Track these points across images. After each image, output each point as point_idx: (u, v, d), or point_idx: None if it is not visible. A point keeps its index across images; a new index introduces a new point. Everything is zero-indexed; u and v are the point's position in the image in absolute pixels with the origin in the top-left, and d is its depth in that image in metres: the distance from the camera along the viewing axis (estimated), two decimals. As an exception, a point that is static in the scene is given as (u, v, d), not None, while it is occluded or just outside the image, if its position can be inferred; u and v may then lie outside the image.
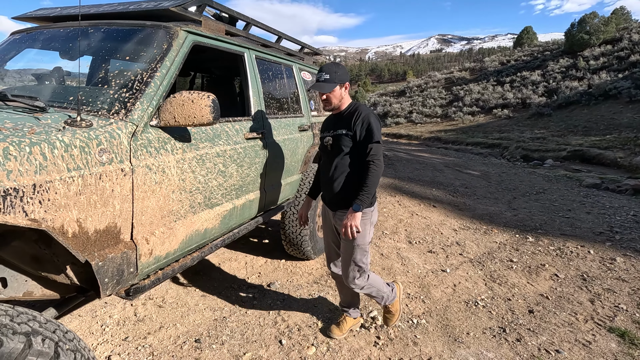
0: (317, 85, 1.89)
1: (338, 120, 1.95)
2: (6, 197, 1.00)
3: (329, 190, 1.98)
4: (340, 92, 1.92)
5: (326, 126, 2.05)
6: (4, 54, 2.08)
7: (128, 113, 1.44)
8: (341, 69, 1.91)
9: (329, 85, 1.87)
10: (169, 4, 1.82)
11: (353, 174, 1.90)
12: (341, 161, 1.91)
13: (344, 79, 1.90)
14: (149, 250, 1.50)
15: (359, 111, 1.90)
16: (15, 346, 0.89)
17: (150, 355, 2.00)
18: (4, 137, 1.05)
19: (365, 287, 2.06)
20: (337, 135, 1.91)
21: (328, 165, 1.98)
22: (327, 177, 1.98)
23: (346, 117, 1.91)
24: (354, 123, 1.86)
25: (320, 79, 1.88)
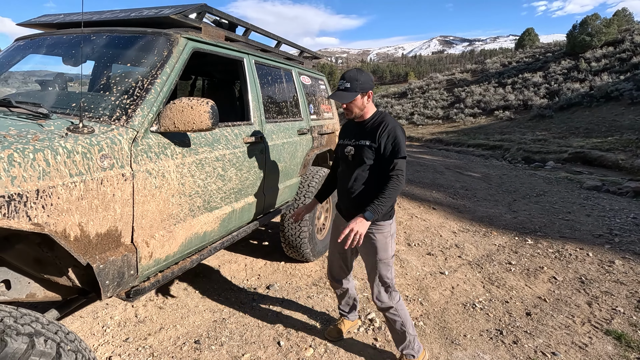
0: (337, 95, 1.79)
1: (361, 130, 1.85)
2: (10, 202, 1.04)
3: (347, 201, 1.91)
4: (362, 101, 1.80)
5: (346, 134, 1.95)
6: (8, 60, 2.13)
7: (129, 119, 1.47)
8: (364, 76, 1.78)
9: (350, 94, 1.76)
10: (169, 11, 1.86)
11: (373, 186, 1.81)
12: (362, 173, 1.83)
13: (366, 87, 1.78)
14: (149, 253, 1.53)
15: (386, 123, 1.79)
16: (19, 347, 0.92)
17: (150, 356, 2.03)
18: (8, 143, 1.09)
19: (391, 310, 1.91)
20: (359, 146, 1.82)
21: (347, 175, 1.89)
22: (345, 187, 1.90)
23: (370, 128, 1.81)
24: (379, 135, 1.77)
25: (340, 87, 1.78)
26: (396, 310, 1.92)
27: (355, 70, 1.80)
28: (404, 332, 1.95)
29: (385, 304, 1.91)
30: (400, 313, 1.93)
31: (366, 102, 1.82)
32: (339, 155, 1.96)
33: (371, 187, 1.82)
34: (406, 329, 1.94)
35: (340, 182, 1.96)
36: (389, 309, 1.92)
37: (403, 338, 1.97)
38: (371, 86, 1.81)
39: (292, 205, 2.93)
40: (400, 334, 1.96)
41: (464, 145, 16.14)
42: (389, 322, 1.97)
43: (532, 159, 12.04)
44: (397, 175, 1.74)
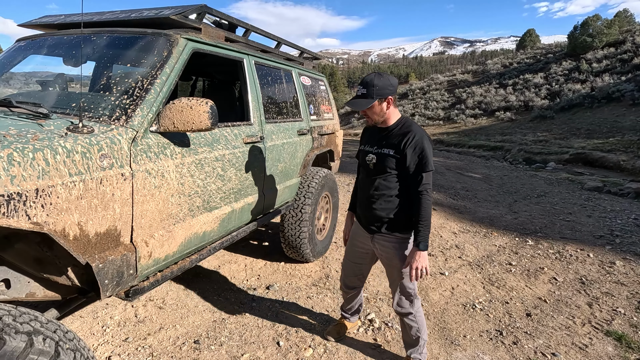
0: (352, 103, 1.69)
1: (384, 137, 1.75)
2: (10, 201, 1.04)
3: (366, 210, 1.84)
4: (380, 107, 1.68)
5: (368, 139, 1.85)
6: (9, 60, 2.14)
7: (128, 119, 1.48)
8: (383, 80, 1.65)
9: (365, 101, 1.65)
10: (169, 12, 1.86)
11: (396, 196, 1.74)
12: (383, 182, 1.75)
13: (384, 93, 1.65)
14: (148, 253, 1.53)
15: (412, 133, 1.68)
16: (18, 345, 0.92)
17: (149, 355, 2.03)
18: (8, 143, 1.09)
19: (410, 316, 1.89)
20: (382, 155, 1.72)
21: (368, 184, 1.81)
22: (365, 196, 1.83)
23: (395, 136, 1.72)
24: (404, 145, 1.67)
25: (358, 93, 1.68)
26: (414, 316, 1.89)
27: (373, 75, 1.67)
28: (418, 337, 1.93)
29: (405, 309, 1.88)
30: (418, 319, 1.91)
31: (386, 109, 1.70)
32: (360, 162, 1.89)
33: (392, 197, 1.75)
34: (420, 335, 1.93)
35: (361, 190, 1.88)
36: (408, 315, 1.89)
37: (415, 343, 1.95)
38: (391, 91, 1.67)
39: (292, 205, 2.93)
40: (414, 339, 1.94)
41: (464, 146, 16.13)
42: (405, 326, 1.94)
43: (533, 160, 12.03)
44: (425, 191, 1.67)
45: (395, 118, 1.76)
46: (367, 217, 1.85)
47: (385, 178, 1.75)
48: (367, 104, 1.65)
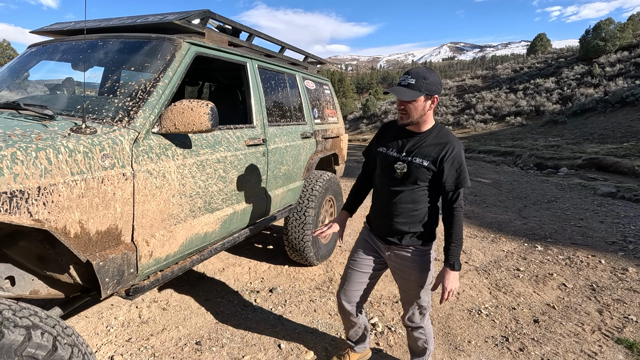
0: (396, 90, 1.49)
1: (416, 144, 1.57)
2: (12, 198, 1.07)
3: (387, 222, 1.65)
4: (424, 105, 1.50)
5: (392, 142, 1.64)
6: (21, 65, 2.21)
7: (131, 120, 1.51)
8: (433, 76, 1.49)
9: (412, 92, 1.46)
10: (173, 17, 1.91)
11: (422, 209, 1.60)
12: (411, 195, 1.59)
13: (433, 90, 1.49)
14: (149, 252, 1.55)
15: (451, 145, 1.52)
16: (16, 338, 0.94)
17: (152, 356, 2.05)
18: (12, 142, 1.13)
19: (420, 330, 1.81)
20: (415, 165, 1.54)
21: (390, 193, 1.62)
22: (385, 205, 1.65)
23: (430, 145, 1.55)
24: (442, 159, 1.52)
25: (402, 82, 1.50)
26: (424, 329, 1.82)
27: (425, 68, 1.52)
28: (425, 348, 1.87)
29: (416, 324, 1.79)
30: (427, 332, 1.84)
31: (428, 108, 1.52)
32: (381, 167, 1.68)
33: (418, 211, 1.60)
34: (428, 346, 1.87)
35: (379, 197, 1.70)
36: (418, 329, 1.81)
37: (422, 353, 1.89)
38: (438, 90, 1.51)
39: (296, 208, 2.94)
40: (421, 349, 1.88)
41: (474, 152, 15.96)
42: (412, 338, 1.86)
43: (544, 165, 11.82)
44: (460, 207, 1.55)
45: (431, 123, 1.59)
46: (386, 228, 1.68)
47: (413, 190, 1.58)
48: (413, 96, 1.46)
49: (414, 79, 1.47)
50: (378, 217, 1.71)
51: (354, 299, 1.83)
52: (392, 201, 1.62)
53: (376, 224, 1.74)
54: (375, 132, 1.82)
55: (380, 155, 1.69)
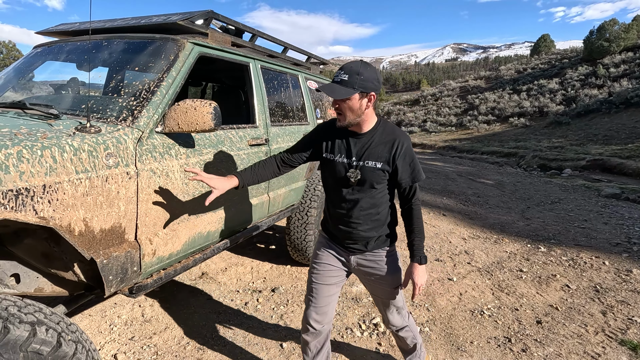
0: (328, 87, 1.38)
1: (363, 146, 1.47)
2: (18, 196, 1.09)
3: (349, 231, 1.55)
4: (359, 103, 1.38)
5: (336, 146, 1.52)
6: (27, 66, 2.23)
7: (135, 120, 1.52)
8: (369, 71, 1.37)
9: (345, 89, 1.35)
10: (177, 17, 1.92)
11: (383, 212, 1.54)
12: (369, 200, 1.50)
13: (368, 87, 1.36)
14: (152, 251, 1.56)
15: (400, 140, 1.45)
16: (21, 334, 0.95)
17: (154, 354, 2.06)
18: (18, 141, 1.14)
19: (405, 328, 1.77)
20: (368, 169, 1.45)
21: (347, 202, 1.51)
22: (344, 214, 1.54)
23: (378, 144, 1.46)
24: (394, 156, 1.44)
25: (335, 78, 1.39)
26: (409, 326, 1.78)
27: (360, 62, 1.39)
28: (415, 344, 1.83)
29: (399, 325, 1.75)
30: (412, 327, 1.81)
31: (365, 107, 1.40)
32: (332, 174, 1.54)
33: (380, 214, 1.53)
34: (417, 341, 1.83)
35: (337, 207, 1.56)
36: (404, 328, 1.77)
37: (413, 349, 1.85)
38: (376, 87, 1.39)
39: (298, 208, 2.94)
40: (412, 346, 1.84)
41: (477, 153, 15.92)
42: (400, 339, 1.82)
43: (548, 166, 11.77)
44: (418, 201, 1.52)
45: (373, 121, 1.48)
46: (348, 236, 1.56)
47: (371, 195, 1.49)
48: (346, 93, 1.34)
49: (347, 75, 1.35)
50: (338, 227, 1.57)
51: (326, 318, 1.65)
52: (352, 209, 1.51)
53: (337, 233, 1.60)
54: (311, 132, 1.66)
55: (327, 162, 1.55)
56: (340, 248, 1.62)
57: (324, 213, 1.69)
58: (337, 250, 1.64)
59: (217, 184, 1.49)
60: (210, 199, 1.47)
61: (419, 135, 24.54)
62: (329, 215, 1.63)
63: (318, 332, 1.65)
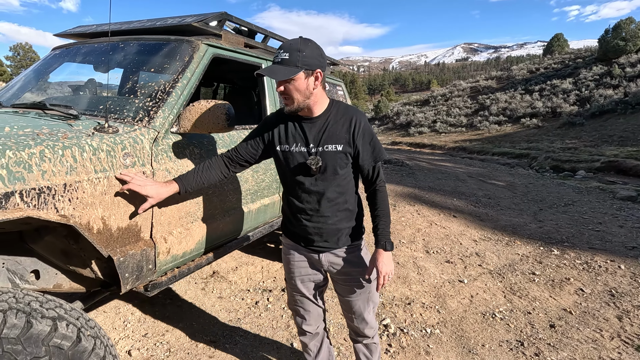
0: (268, 69, 1.25)
1: (319, 129, 1.35)
2: (40, 194, 1.12)
3: (321, 227, 1.41)
4: (307, 82, 1.25)
5: (290, 135, 1.39)
6: (46, 67, 2.29)
7: (151, 120, 1.55)
8: (310, 48, 1.24)
9: (287, 69, 1.21)
10: (191, 19, 1.95)
11: (351, 199, 1.43)
12: (335, 188, 1.37)
13: (313, 64, 1.24)
14: (167, 249, 1.59)
15: (356, 117, 1.35)
16: (43, 328, 0.98)
17: (167, 351, 2.09)
18: (40, 140, 1.18)
19: (375, 337, 1.66)
20: (330, 154, 1.33)
21: (316, 194, 1.38)
22: (315, 209, 1.40)
23: (333, 125, 1.34)
24: (353, 136, 1.33)
25: (276, 59, 1.26)
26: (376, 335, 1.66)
27: (299, 39, 1.26)
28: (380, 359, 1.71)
29: (374, 330, 1.61)
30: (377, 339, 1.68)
31: (312, 87, 1.27)
32: (289, 167, 1.40)
33: (347, 203, 1.42)
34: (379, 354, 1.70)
35: (301, 202, 1.42)
36: (375, 335, 1.64)
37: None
38: (321, 63, 1.26)
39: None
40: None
41: (488, 154, 15.73)
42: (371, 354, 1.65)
43: (561, 168, 11.57)
44: (383, 182, 1.42)
45: (325, 102, 1.36)
46: (318, 234, 1.43)
47: (337, 183, 1.37)
48: (289, 73, 1.21)
49: (287, 54, 1.22)
50: (304, 224, 1.43)
51: (317, 321, 1.62)
52: (318, 202, 1.39)
53: (302, 232, 1.46)
54: (259, 125, 1.52)
55: (282, 155, 1.41)
56: (308, 250, 1.49)
57: (284, 213, 1.55)
58: (305, 253, 1.51)
59: (151, 191, 1.37)
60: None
61: (429, 135, 24.36)
62: (291, 213, 1.47)
63: (314, 334, 1.65)
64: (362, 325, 1.57)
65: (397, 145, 22.79)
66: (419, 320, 2.56)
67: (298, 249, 1.52)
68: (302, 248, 1.50)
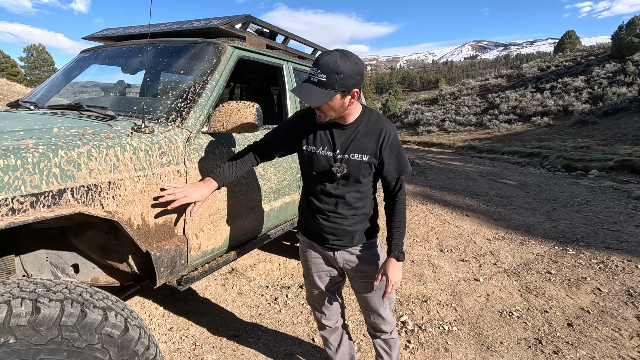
0: (303, 91, 1.22)
1: (348, 137, 1.37)
2: (88, 191, 1.18)
3: (338, 227, 1.45)
4: (342, 102, 1.27)
5: (318, 137, 1.41)
6: (74, 69, 2.37)
7: (183, 121, 1.61)
8: (349, 67, 1.20)
9: (323, 93, 1.20)
10: (217, 22, 2.00)
11: (368, 204, 1.48)
12: (355, 194, 1.42)
13: (350, 85, 1.22)
14: (198, 245, 1.65)
15: (386, 130, 1.36)
16: (96, 318, 1.04)
17: (193, 344, 2.15)
18: (86, 140, 1.24)
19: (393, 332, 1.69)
20: (355, 163, 1.36)
21: (335, 197, 1.43)
22: (332, 210, 1.44)
23: (364, 135, 1.36)
24: (381, 148, 1.35)
25: (312, 78, 1.22)
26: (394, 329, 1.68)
27: (337, 56, 1.20)
28: (397, 357, 1.73)
29: (392, 325, 1.64)
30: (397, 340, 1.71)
31: (348, 104, 1.29)
32: (313, 167, 1.43)
33: (365, 208, 1.47)
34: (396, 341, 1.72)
35: (319, 201, 1.46)
36: (393, 331, 1.67)
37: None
38: (358, 82, 1.24)
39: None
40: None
41: (498, 153, 15.60)
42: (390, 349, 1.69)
43: (573, 167, 11.43)
44: (403, 195, 1.44)
45: (358, 111, 1.37)
46: (333, 233, 1.47)
47: (356, 189, 1.41)
48: (325, 97, 1.20)
49: (325, 76, 1.19)
50: (321, 223, 1.47)
51: (335, 316, 1.69)
52: (336, 205, 1.43)
53: (318, 230, 1.50)
54: (289, 120, 1.55)
55: (307, 155, 1.44)
56: (323, 247, 1.53)
57: (301, 210, 1.59)
58: (321, 251, 1.56)
59: (196, 196, 1.43)
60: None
61: (437, 134, 24.22)
62: (309, 211, 1.51)
63: (333, 329, 1.72)
64: (378, 321, 1.61)
65: (406, 144, 22.70)
66: (436, 318, 2.59)
67: (314, 246, 1.57)
68: (318, 246, 1.55)
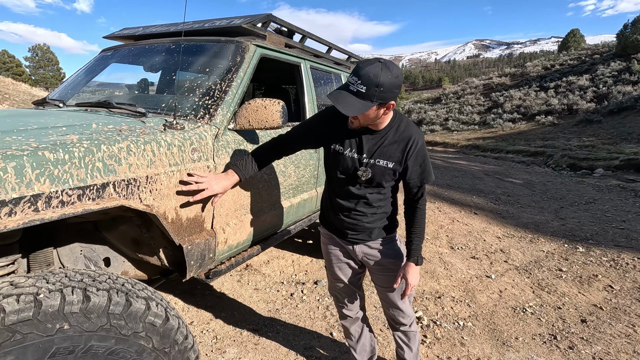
0: (340, 100, 1.23)
1: (376, 142, 1.40)
2: (128, 185, 1.22)
3: (357, 223, 1.52)
4: (377, 112, 1.29)
5: (346, 138, 1.44)
6: (95, 68, 2.40)
7: (211, 118, 1.64)
8: (390, 80, 1.21)
9: (360, 104, 1.22)
10: (239, 21, 2.03)
11: (388, 204, 1.53)
12: (377, 196, 1.48)
13: (388, 97, 1.24)
14: (225, 239, 1.68)
15: (414, 139, 1.38)
16: (140, 307, 1.08)
17: (214, 338, 2.19)
18: (125, 136, 1.27)
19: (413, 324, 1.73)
20: (380, 169, 1.40)
21: (357, 197, 1.48)
22: (353, 208, 1.50)
23: (391, 142, 1.39)
24: (407, 156, 1.38)
25: (351, 87, 1.23)
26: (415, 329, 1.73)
27: (379, 68, 1.20)
28: (418, 350, 1.77)
29: (411, 318, 1.68)
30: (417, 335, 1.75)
31: (383, 114, 1.31)
32: (339, 167, 1.47)
33: (384, 208, 1.52)
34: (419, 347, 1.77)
35: (342, 198, 1.52)
36: (412, 323, 1.71)
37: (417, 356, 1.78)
38: (395, 95, 1.25)
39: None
40: (416, 353, 1.76)
41: (502, 152, 15.58)
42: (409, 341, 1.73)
43: (578, 166, 11.41)
44: (424, 202, 1.48)
45: (388, 118, 1.39)
46: (352, 229, 1.54)
47: (378, 191, 1.46)
48: (362, 108, 1.22)
49: (365, 87, 1.20)
50: (342, 219, 1.54)
51: (356, 307, 1.75)
52: (357, 203, 1.49)
53: (339, 224, 1.57)
54: (319, 116, 1.56)
55: (333, 153, 1.48)
56: (344, 240, 1.59)
57: (323, 204, 1.66)
58: (341, 243, 1.63)
59: (218, 188, 1.47)
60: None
61: (441, 133, 24.19)
62: (331, 206, 1.58)
63: (354, 319, 1.78)
64: (397, 314, 1.66)
65: (409, 143, 22.64)
66: (451, 314, 2.62)
67: (334, 239, 1.64)
68: (338, 239, 1.62)
